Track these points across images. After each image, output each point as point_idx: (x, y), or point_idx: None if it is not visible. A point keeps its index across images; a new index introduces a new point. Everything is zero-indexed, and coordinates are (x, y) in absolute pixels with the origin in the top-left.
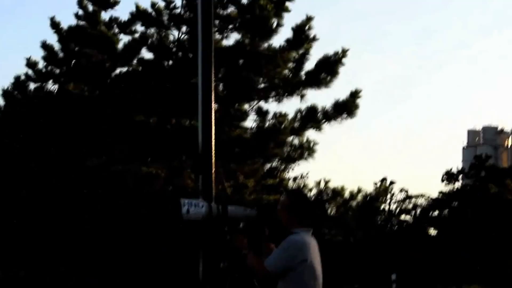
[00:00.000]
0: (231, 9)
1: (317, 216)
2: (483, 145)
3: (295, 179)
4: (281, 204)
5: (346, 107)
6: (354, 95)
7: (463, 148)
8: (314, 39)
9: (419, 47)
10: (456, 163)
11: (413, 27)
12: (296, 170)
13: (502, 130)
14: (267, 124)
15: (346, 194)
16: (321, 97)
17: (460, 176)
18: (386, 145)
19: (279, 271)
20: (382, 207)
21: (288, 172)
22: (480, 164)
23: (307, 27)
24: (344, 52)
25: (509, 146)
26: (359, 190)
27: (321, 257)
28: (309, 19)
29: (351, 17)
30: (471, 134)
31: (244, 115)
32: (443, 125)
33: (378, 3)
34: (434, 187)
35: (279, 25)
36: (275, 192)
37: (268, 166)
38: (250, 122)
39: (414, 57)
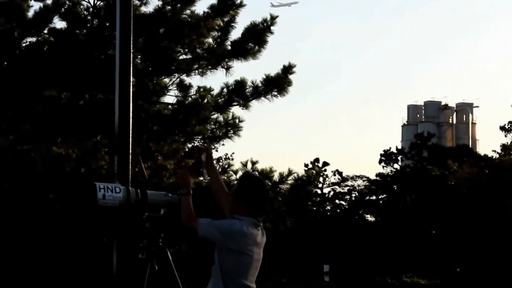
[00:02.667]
0: None
1: (267, 205)
2: (425, 122)
3: (219, 160)
4: (232, 189)
5: (278, 83)
6: (287, 70)
7: (403, 126)
8: (240, 5)
9: (353, 15)
10: (395, 142)
11: None
12: (220, 150)
13: (446, 106)
14: (189, 100)
15: (276, 177)
16: (249, 71)
17: (400, 157)
18: (318, 123)
19: (206, 236)
20: (315, 191)
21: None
22: (422, 143)
23: None
24: (273, 19)
25: (454, 123)
26: (289, 173)
27: None
28: None
29: None
30: (412, 110)
31: (164, 89)
32: (381, 100)
33: None
34: (371, 169)
35: None
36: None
37: (189, 145)
38: (171, 97)
39: (348, 26)
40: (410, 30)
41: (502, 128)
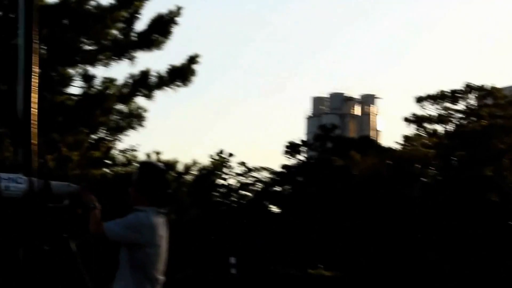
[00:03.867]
0: None
1: (169, 194)
2: (329, 114)
3: (124, 151)
4: (132, 179)
5: (182, 72)
6: (192, 60)
7: (307, 117)
8: None
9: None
10: (299, 134)
11: None
12: (125, 142)
13: (350, 98)
14: (93, 91)
15: (180, 168)
16: (156, 62)
17: (304, 148)
18: (223, 114)
19: (116, 239)
20: (219, 182)
21: (116, 143)
22: (326, 134)
23: None
24: (178, 10)
25: (359, 115)
26: (194, 163)
27: None
28: None
29: None
30: (316, 101)
31: (69, 80)
32: (285, 91)
33: None
34: (276, 161)
35: None
36: (101, 165)
37: (94, 137)
38: (76, 88)
39: (248, 13)
40: (313, 18)
41: (405, 120)
